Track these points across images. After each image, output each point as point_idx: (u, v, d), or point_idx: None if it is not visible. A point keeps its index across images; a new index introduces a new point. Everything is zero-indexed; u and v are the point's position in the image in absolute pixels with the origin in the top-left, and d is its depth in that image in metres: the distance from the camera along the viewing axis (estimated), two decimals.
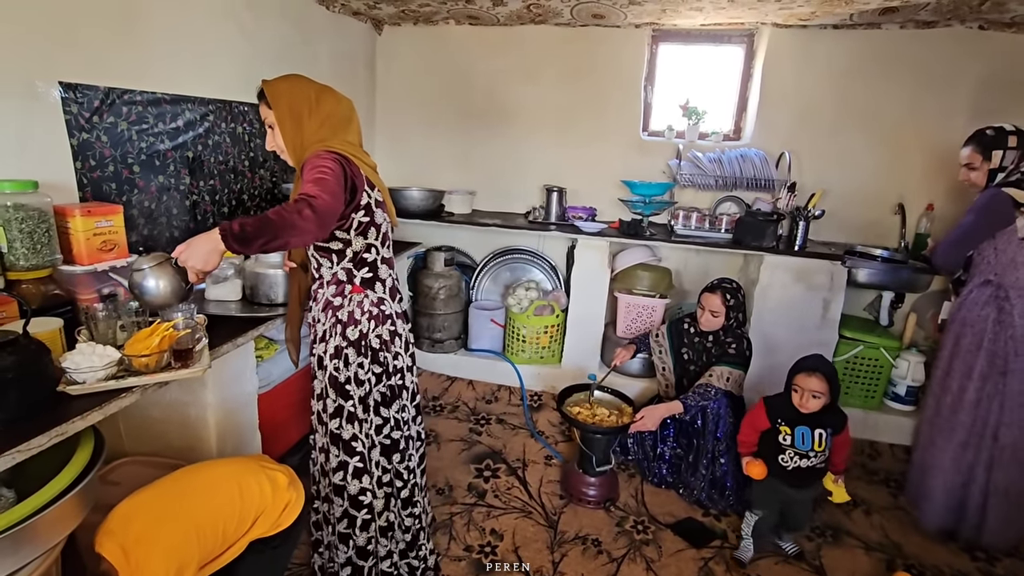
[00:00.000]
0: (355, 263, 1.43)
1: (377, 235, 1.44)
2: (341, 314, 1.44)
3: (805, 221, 2.63)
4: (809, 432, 1.82)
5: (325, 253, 1.42)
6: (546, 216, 2.96)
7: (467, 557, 1.90)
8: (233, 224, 1.09)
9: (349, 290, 1.44)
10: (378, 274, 1.47)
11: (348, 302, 1.44)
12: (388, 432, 1.53)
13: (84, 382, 1.12)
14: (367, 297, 1.45)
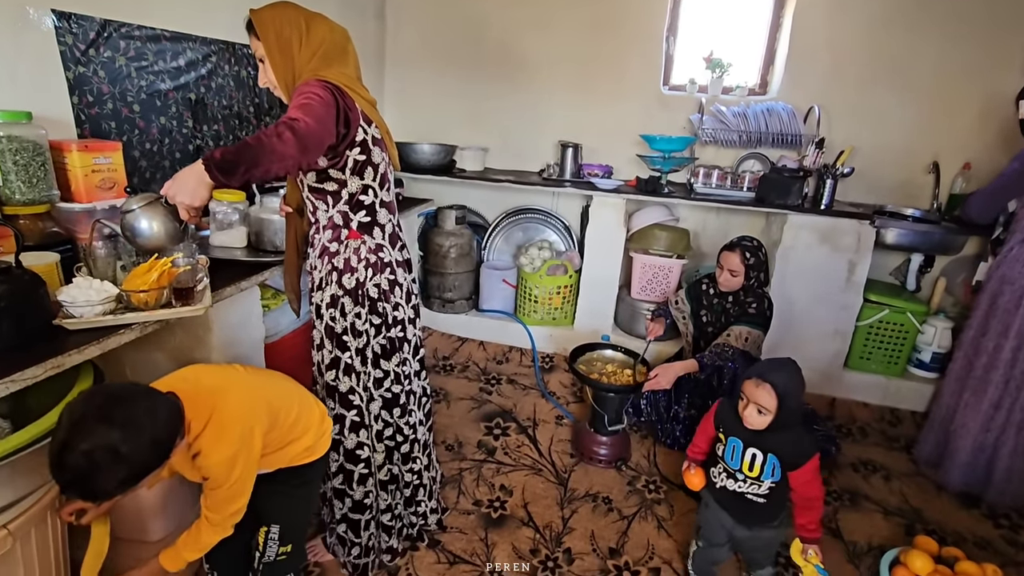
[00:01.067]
0: (352, 206, 1.35)
1: (375, 176, 1.36)
2: (337, 261, 1.37)
3: (833, 179, 2.51)
4: (740, 447, 1.46)
5: (320, 195, 1.35)
6: (561, 173, 2.86)
7: (476, 511, 1.88)
8: (215, 152, 1.03)
9: (345, 235, 1.37)
10: (377, 218, 1.40)
11: (344, 248, 1.37)
12: (388, 386, 1.48)
13: (81, 316, 1.08)
14: (364, 243, 1.38)
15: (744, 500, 1.47)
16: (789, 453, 1.40)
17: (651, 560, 1.73)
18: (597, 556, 1.73)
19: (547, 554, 1.73)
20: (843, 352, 2.64)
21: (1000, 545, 1.88)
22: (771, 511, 1.47)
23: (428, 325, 3.08)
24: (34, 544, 1.03)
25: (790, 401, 1.37)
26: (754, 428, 1.41)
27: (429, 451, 1.72)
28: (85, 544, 1.37)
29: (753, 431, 1.42)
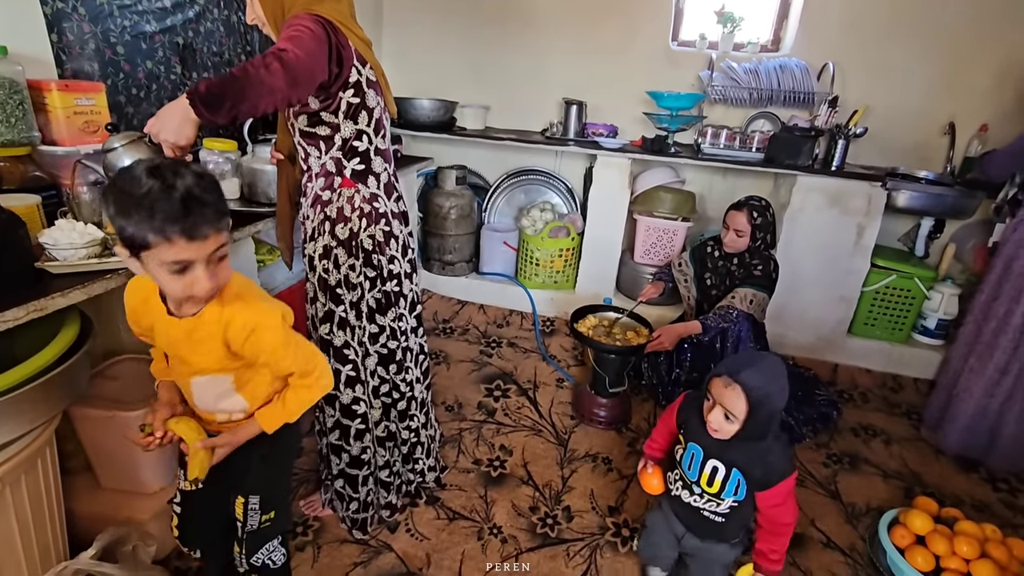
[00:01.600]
0: (345, 152, 1.29)
1: (369, 121, 1.29)
2: (330, 210, 1.32)
3: (845, 140, 2.43)
4: (700, 456, 1.22)
5: (312, 140, 1.28)
6: (564, 132, 2.77)
7: (475, 469, 1.88)
8: (199, 85, 0.96)
9: (339, 183, 1.31)
10: (371, 167, 1.34)
11: (338, 197, 1.31)
12: (384, 342, 1.44)
13: (64, 260, 1.04)
14: (358, 192, 1.32)
15: (700, 515, 1.26)
16: (758, 470, 1.15)
17: None
18: (596, 514, 1.73)
19: (546, 511, 1.73)
20: (847, 318, 2.61)
21: (998, 508, 1.89)
22: (730, 530, 1.26)
23: (428, 288, 3.04)
24: (25, 491, 1.01)
25: (765, 408, 1.10)
26: (719, 437, 1.17)
27: (427, 410, 1.69)
28: (80, 495, 1.36)
29: (715, 439, 1.18)
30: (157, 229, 0.76)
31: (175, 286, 0.83)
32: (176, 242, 0.78)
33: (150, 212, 0.75)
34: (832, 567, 1.61)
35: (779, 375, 1.13)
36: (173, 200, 0.76)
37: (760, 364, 1.13)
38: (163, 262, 0.79)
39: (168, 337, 0.94)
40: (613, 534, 1.66)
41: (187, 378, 0.99)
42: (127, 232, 0.78)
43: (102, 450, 1.33)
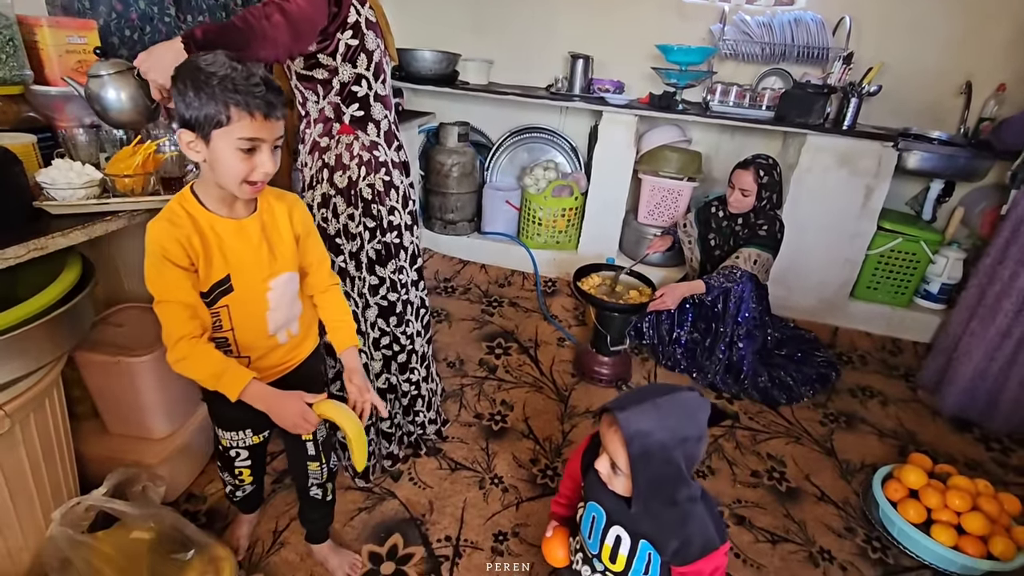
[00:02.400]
0: (344, 97, 1.25)
1: (368, 64, 1.25)
2: (328, 157, 1.29)
3: (858, 98, 2.37)
4: (602, 520, 0.96)
5: (309, 84, 1.24)
6: (569, 88, 2.70)
7: (477, 423, 1.90)
8: (195, 31, 0.94)
9: (337, 129, 1.28)
10: (371, 113, 1.30)
11: (336, 144, 1.29)
12: (384, 294, 1.44)
13: (63, 200, 1.02)
14: (357, 139, 1.29)
15: None
16: (673, 540, 0.89)
17: None
18: None
19: (546, 463, 1.76)
20: (851, 281, 2.60)
21: (990, 467, 1.92)
22: None
23: (429, 247, 3.02)
24: (34, 429, 1.02)
25: (654, 462, 0.84)
26: (614, 490, 0.91)
27: (428, 363, 1.70)
28: (89, 440, 1.37)
29: (620, 499, 0.91)
30: (241, 103, 0.80)
31: (239, 168, 0.85)
32: (256, 117, 0.82)
33: (234, 88, 0.80)
34: (825, 519, 1.65)
35: (683, 418, 0.85)
36: (255, 80, 0.82)
37: (658, 402, 0.85)
38: (237, 138, 0.82)
39: (241, 247, 0.93)
40: None
41: (265, 283, 0.97)
42: (207, 109, 0.81)
43: (108, 396, 1.35)
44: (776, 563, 1.49)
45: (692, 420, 0.86)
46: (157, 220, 0.89)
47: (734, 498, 1.69)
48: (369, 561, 1.38)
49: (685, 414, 0.86)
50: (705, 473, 1.77)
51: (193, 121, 0.82)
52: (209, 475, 1.57)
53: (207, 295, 0.93)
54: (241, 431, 1.12)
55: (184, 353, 0.88)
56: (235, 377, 0.90)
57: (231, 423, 1.11)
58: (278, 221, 0.98)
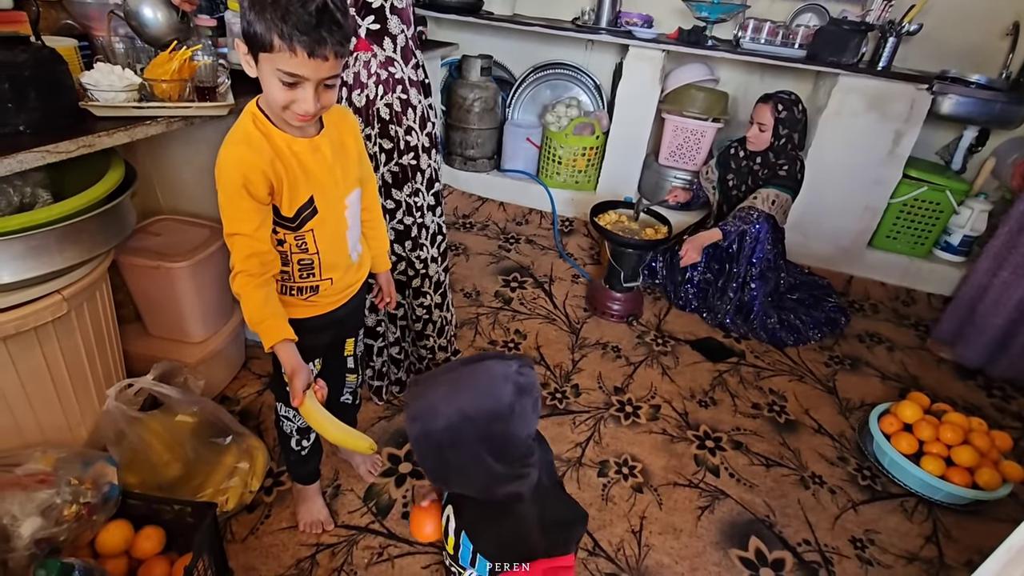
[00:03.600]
0: (359, 8, 1.24)
1: None
2: (346, 75, 1.30)
3: (896, 37, 2.28)
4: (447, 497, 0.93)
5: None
6: (596, 20, 2.63)
7: (491, 349, 1.99)
8: None
9: (353, 45, 1.27)
10: (387, 27, 1.28)
11: (354, 61, 1.28)
12: (400, 217, 1.45)
13: (106, 102, 1.07)
14: (375, 57, 1.28)
15: None
16: (487, 541, 0.84)
17: (653, 399, 1.85)
18: (603, 392, 1.85)
19: (556, 387, 1.85)
20: (870, 230, 2.58)
21: (989, 411, 1.97)
22: None
23: (449, 183, 3.04)
24: (87, 316, 1.12)
25: (441, 451, 0.76)
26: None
27: (443, 291, 1.69)
28: (132, 339, 1.48)
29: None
30: (285, 35, 0.75)
31: (279, 96, 0.81)
32: (299, 54, 0.76)
33: (283, 15, 0.74)
34: (820, 449, 1.73)
35: (477, 395, 0.75)
36: (308, 9, 0.75)
37: (454, 376, 0.77)
38: (278, 69, 0.78)
39: (318, 166, 0.91)
40: (616, 410, 1.78)
41: (342, 202, 0.97)
42: (254, 28, 0.76)
43: (149, 299, 1.44)
44: (768, 483, 1.58)
45: (489, 395, 0.74)
46: (234, 145, 0.85)
47: (733, 426, 1.77)
48: (388, 461, 1.50)
49: (480, 390, 0.74)
50: (707, 403, 1.85)
51: (245, 35, 0.79)
52: (241, 380, 1.69)
53: (293, 220, 0.91)
54: (311, 363, 1.10)
55: (238, 289, 0.88)
56: (273, 328, 0.90)
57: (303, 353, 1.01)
58: (344, 138, 0.97)
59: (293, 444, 1.19)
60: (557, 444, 1.63)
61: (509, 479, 0.77)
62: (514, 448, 0.76)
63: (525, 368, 0.77)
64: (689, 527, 1.43)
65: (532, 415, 0.76)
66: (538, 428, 0.86)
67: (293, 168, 0.88)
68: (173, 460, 1.15)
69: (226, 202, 0.85)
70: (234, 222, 0.86)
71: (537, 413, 0.78)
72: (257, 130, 0.85)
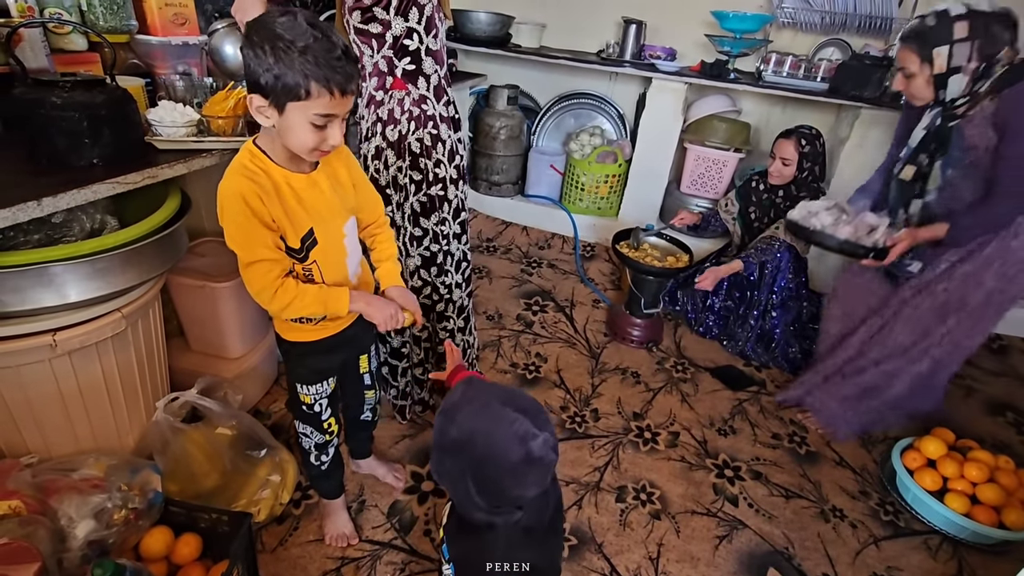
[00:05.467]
0: (396, 51, 1.32)
1: (420, 18, 1.31)
2: (382, 112, 1.38)
3: None
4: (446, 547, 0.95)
5: (365, 38, 1.32)
6: (620, 53, 2.71)
7: (512, 371, 2.04)
8: None
9: (390, 83, 1.36)
10: (422, 67, 1.36)
11: (389, 99, 1.37)
12: (427, 245, 1.52)
13: (168, 136, 1.17)
14: (409, 95, 1.37)
15: None
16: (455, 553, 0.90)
17: (672, 426, 1.86)
18: (622, 417, 1.88)
19: (575, 411, 1.88)
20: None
21: (1019, 448, 1.93)
22: None
23: (474, 207, 3.13)
24: (141, 332, 1.20)
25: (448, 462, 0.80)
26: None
27: (467, 315, 1.75)
28: (175, 354, 1.57)
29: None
30: (322, 80, 0.79)
31: (308, 139, 0.84)
32: (336, 95, 0.81)
33: (316, 63, 0.78)
34: (841, 482, 1.71)
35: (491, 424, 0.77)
36: (337, 53, 0.80)
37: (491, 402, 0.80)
38: (313, 114, 0.81)
39: (316, 199, 0.95)
40: (635, 436, 1.80)
41: (340, 229, 1.02)
42: (286, 80, 0.78)
43: (193, 316, 1.53)
44: (788, 515, 1.58)
45: (499, 443, 0.74)
46: (233, 176, 0.88)
47: (752, 455, 1.77)
48: (411, 479, 1.55)
49: (495, 433, 0.75)
50: (726, 432, 1.85)
51: (268, 87, 0.80)
52: (273, 396, 1.76)
53: (300, 251, 0.96)
54: (324, 381, 1.15)
55: (288, 298, 0.91)
56: (337, 295, 0.97)
57: (316, 375, 1.14)
58: (337, 172, 1.01)
59: (312, 459, 1.25)
60: (576, 467, 1.65)
61: (485, 511, 0.78)
62: (499, 496, 0.77)
63: (546, 446, 0.75)
64: (707, 556, 1.44)
65: (530, 485, 0.76)
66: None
67: (291, 202, 0.92)
68: (212, 470, 1.21)
69: (238, 232, 0.89)
70: (254, 248, 0.89)
71: (538, 486, 0.77)
72: (256, 166, 0.89)
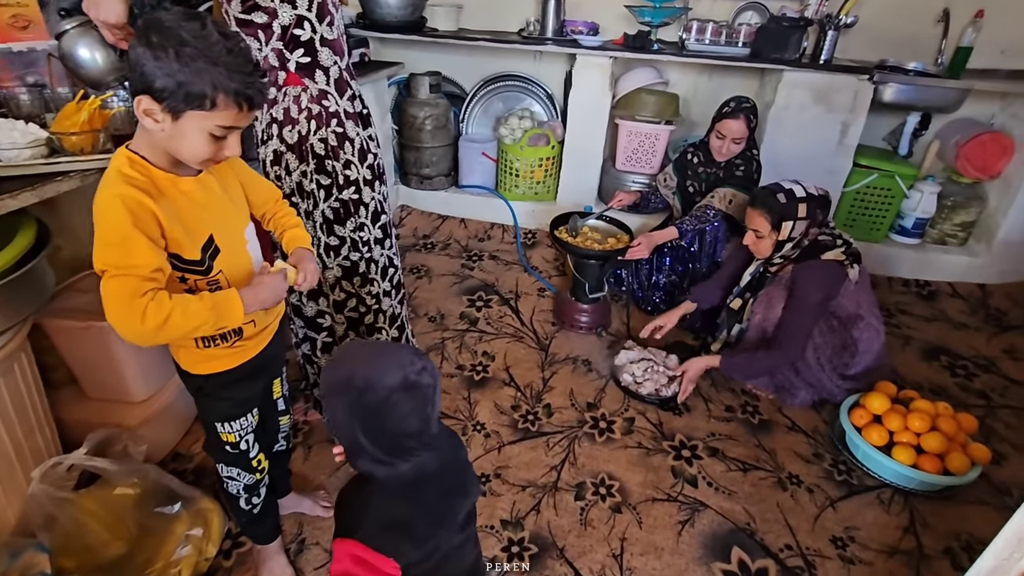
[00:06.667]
0: (286, 43, 1.18)
1: (310, 4, 1.17)
2: (276, 111, 1.24)
3: (835, 30, 2.32)
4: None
5: (249, 29, 1.16)
6: (542, 31, 2.61)
7: (459, 374, 1.94)
8: None
9: (283, 79, 1.21)
10: (318, 59, 1.22)
11: (283, 96, 1.23)
12: (345, 254, 1.40)
13: (8, 160, 0.99)
14: (306, 91, 1.23)
15: None
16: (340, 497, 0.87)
17: (626, 412, 1.82)
18: (576, 409, 1.82)
19: (528, 409, 1.80)
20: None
21: (954, 391, 1.99)
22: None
23: (407, 203, 2.99)
24: (6, 393, 1.03)
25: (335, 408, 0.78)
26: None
27: (400, 324, 1.64)
28: (68, 405, 1.39)
29: None
30: (232, 93, 0.74)
31: (203, 149, 0.78)
32: (243, 107, 0.76)
33: (229, 76, 0.73)
34: (795, 447, 1.72)
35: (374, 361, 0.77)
36: (250, 68, 0.76)
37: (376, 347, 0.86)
38: (215, 125, 0.76)
39: (209, 200, 0.86)
40: (591, 427, 1.75)
41: (241, 235, 0.94)
42: (191, 88, 0.72)
43: (83, 361, 1.35)
44: (747, 489, 1.57)
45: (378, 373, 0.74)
46: (113, 187, 0.76)
47: (708, 432, 1.75)
48: None
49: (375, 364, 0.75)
50: (680, 411, 1.83)
51: (165, 92, 0.72)
52: (195, 434, 1.60)
53: (202, 263, 0.86)
54: (249, 414, 1.04)
55: (163, 313, 0.74)
56: (226, 301, 0.82)
57: (239, 408, 1.03)
58: (223, 171, 0.93)
59: (243, 504, 1.12)
60: (532, 469, 1.58)
61: (369, 458, 0.77)
62: (382, 434, 0.75)
63: (424, 372, 0.77)
64: (671, 544, 1.40)
65: (410, 416, 0.75)
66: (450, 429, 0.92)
67: (184, 207, 0.83)
68: (113, 539, 1.06)
69: (108, 246, 0.75)
70: (122, 261, 0.74)
71: (421, 419, 0.76)
72: (136, 172, 0.79)
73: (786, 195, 1.67)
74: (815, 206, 1.69)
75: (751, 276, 1.89)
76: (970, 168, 2.47)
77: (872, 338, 1.78)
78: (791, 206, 1.67)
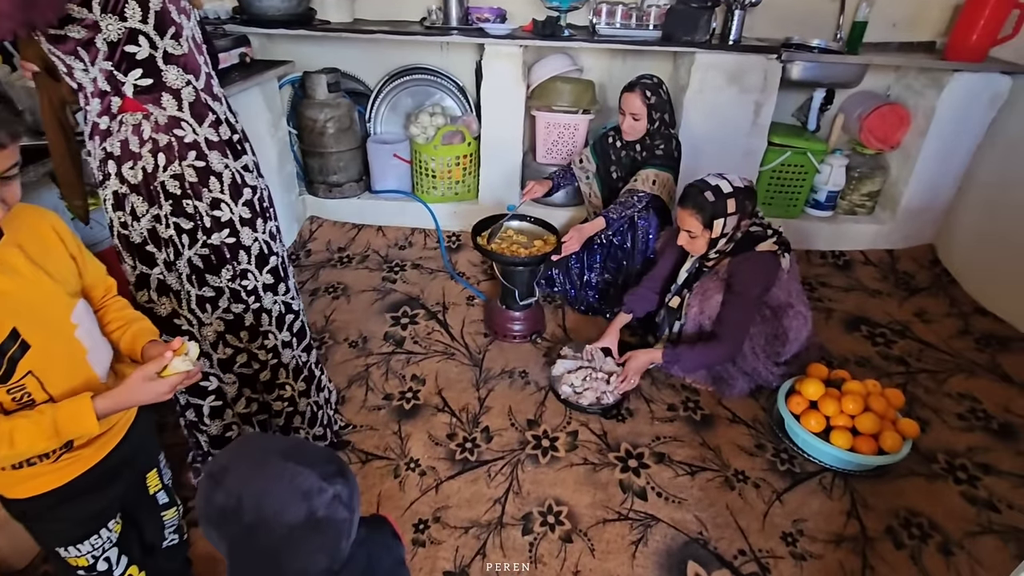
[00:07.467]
0: (117, 62, 0.95)
1: (144, 15, 0.95)
2: (111, 144, 1.02)
3: (741, 9, 2.30)
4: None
5: (65, 46, 0.93)
6: (446, 20, 2.43)
7: (387, 405, 1.78)
8: None
9: (118, 106, 0.99)
10: (164, 80, 1.00)
11: (119, 126, 1.01)
12: (226, 306, 1.20)
13: None
14: (148, 118, 1.01)
15: None
16: None
17: (568, 425, 1.73)
18: (516, 429, 1.71)
19: (465, 436, 1.68)
20: None
21: (876, 361, 2.06)
22: None
23: (316, 215, 2.74)
24: None
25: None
26: None
27: (308, 375, 1.46)
28: None
29: None
30: None
31: None
32: None
33: None
34: (738, 440, 1.70)
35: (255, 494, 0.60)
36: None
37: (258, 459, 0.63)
38: None
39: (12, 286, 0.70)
40: (533, 447, 1.65)
41: (67, 320, 0.78)
42: None
43: None
44: (696, 494, 1.53)
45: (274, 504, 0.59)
46: None
47: (653, 436, 1.70)
48: None
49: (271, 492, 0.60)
50: (623, 416, 1.76)
51: None
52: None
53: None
54: (104, 528, 0.87)
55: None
56: (73, 411, 0.71)
57: (86, 526, 0.85)
58: (46, 241, 0.78)
59: None
60: (473, 507, 1.46)
61: None
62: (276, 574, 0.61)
63: (335, 502, 0.60)
64: (626, 570, 1.33)
65: (315, 552, 0.60)
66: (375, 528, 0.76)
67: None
68: None
69: None
70: None
71: (330, 555, 0.62)
72: None
73: (714, 192, 1.62)
74: (743, 198, 1.65)
75: (688, 273, 1.85)
76: (872, 140, 2.55)
77: (801, 326, 1.78)
78: (720, 203, 1.62)
